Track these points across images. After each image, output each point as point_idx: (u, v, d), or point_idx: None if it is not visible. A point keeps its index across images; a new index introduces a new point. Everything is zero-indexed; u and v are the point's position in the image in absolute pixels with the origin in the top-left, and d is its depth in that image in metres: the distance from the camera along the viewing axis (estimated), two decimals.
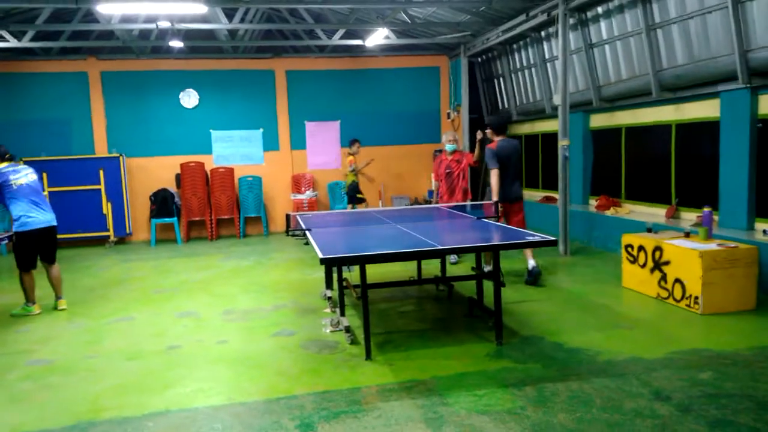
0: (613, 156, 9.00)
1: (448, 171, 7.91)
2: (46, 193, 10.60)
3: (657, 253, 5.86)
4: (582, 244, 8.95)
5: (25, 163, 10.53)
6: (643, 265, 6.05)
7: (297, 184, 11.84)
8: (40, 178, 10.44)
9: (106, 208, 11.00)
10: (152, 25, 9.06)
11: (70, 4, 7.74)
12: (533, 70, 10.58)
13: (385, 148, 12.29)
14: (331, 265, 4.24)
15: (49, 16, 9.40)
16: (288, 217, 5.47)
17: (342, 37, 10.67)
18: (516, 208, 6.85)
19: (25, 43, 9.62)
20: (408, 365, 4.38)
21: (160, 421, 3.62)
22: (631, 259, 6.26)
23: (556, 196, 9.12)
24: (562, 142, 8.19)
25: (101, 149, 11.27)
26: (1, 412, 3.84)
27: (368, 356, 4.51)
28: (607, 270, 7.29)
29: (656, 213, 8.07)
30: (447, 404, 3.69)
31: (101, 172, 10.93)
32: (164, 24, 8.99)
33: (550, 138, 10.24)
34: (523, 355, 4.51)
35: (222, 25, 9.52)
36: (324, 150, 12.13)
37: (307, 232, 5.22)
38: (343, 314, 5.26)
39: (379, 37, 10.22)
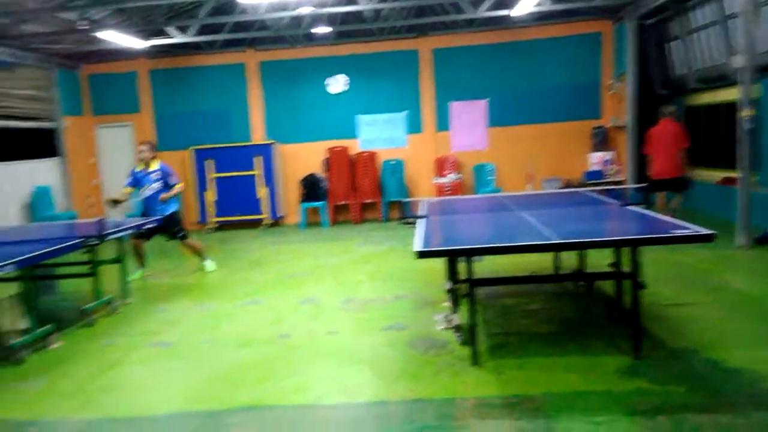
0: None
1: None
2: (212, 177, 11.52)
3: None
4: None
5: (194, 151, 11.56)
6: None
7: (441, 166, 11.44)
8: (205, 166, 11.46)
9: (262, 192, 11.58)
10: (300, 11, 9.14)
11: None
12: (713, 29, 8.95)
13: (537, 126, 11.36)
14: (426, 257, 3.79)
15: (211, 9, 9.95)
16: (403, 203, 5.10)
17: (489, 9, 9.95)
18: None
19: (189, 37, 10.31)
20: (518, 376, 3.81)
21: (246, 418, 3.52)
22: None
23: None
24: (745, 112, 6.77)
25: (257, 137, 11.88)
26: (104, 395, 4.02)
27: (474, 362, 4.01)
28: None
29: None
30: (553, 431, 3.09)
31: (257, 159, 11.52)
32: (307, 9, 9.06)
33: (733, 109, 8.61)
34: (664, 374, 3.69)
35: (365, 5, 9.37)
36: (470, 131, 11.55)
37: (417, 221, 4.82)
38: (455, 311, 4.79)
39: (529, 3, 9.32)
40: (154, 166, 7.18)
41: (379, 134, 11.66)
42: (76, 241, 5.22)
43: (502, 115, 11.45)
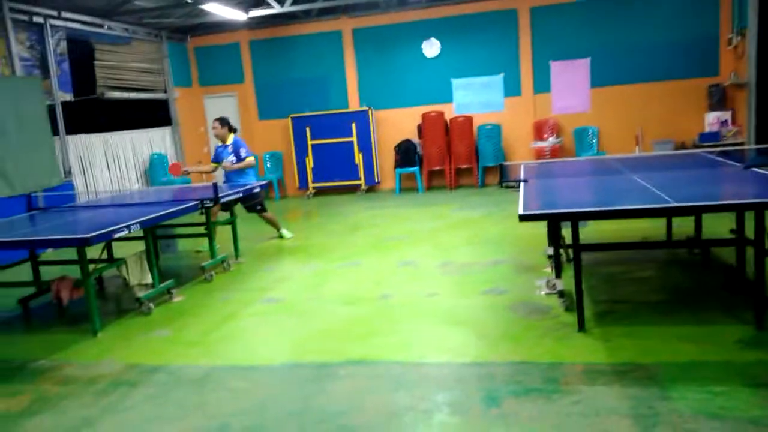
0: None
1: None
2: (309, 145, 11.84)
3: None
4: None
5: (293, 119, 11.91)
6: None
7: (539, 130, 11.08)
8: (305, 133, 11.77)
9: (358, 158, 11.77)
10: None
11: None
12: None
13: (645, 85, 10.69)
14: (530, 221, 3.73)
15: None
16: (502, 167, 5.03)
17: None
18: None
19: (287, 8, 10.52)
20: (628, 344, 3.69)
21: (353, 371, 3.66)
22: None
23: None
24: None
25: (354, 104, 12.03)
26: (223, 345, 4.33)
27: (581, 327, 3.93)
28: None
29: None
30: (668, 399, 2.99)
31: (353, 125, 11.69)
32: None
33: None
34: None
35: None
36: (571, 92, 11.06)
37: (519, 184, 4.73)
38: (558, 276, 4.69)
39: None
40: (230, 140, 7.35)
41: (474, 98, 11.43)
42: (194, 203, 5.57)
43: (606, 75, 10.85)
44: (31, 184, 7.78)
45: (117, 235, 4.47)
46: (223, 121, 7.39)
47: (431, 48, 11.50)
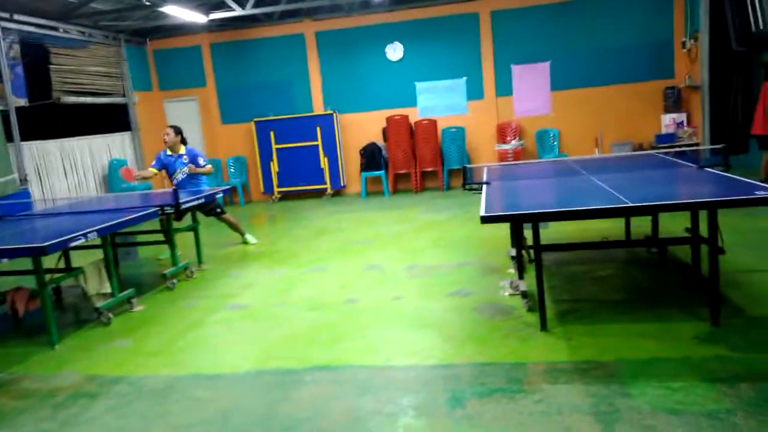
0: None
1: None
2: (274, 149, 11.75)
3: None
4: None
5: (256, 123, 11.79)
6: None
7: (502, 133, 11.23)
8: (269, 137, 11.67)
9: (324, 162, 11.72)
10: None
11: None
12: None
13: (604, 88, 10.94)
14: (492, 222, 3.77)
15: None
16: (465, 169, 5.08)
17: None
18: None
19: (248, 10, 10.38)
20: (589, 342, 3.77)
21: (319, 376, 3.64)
22: None
23: None
24: None
25: (318, 107, 11.98)
26: (187, 354, 4.26)
27: (543, 327, 3.99)
28: None
29: None
30: (628, 395, 3.06)
31: (318, 129, 11.64)
32: None
33: None
34: (745, 342, 3.57)
35: None
36: (532, 95, 11.25)
37: (482, 186, 4.79)
38: (521, 277, 4.76)
39: None
40: (182, 150, 7.22)
41: (438, 101, 11.52)
42: (153, 209, 5.46)
43: (566, 78, 11.07)
44: None
45: (74, 244, 4.35)
46: (177, 130, 7.27)
47: (395, 52, 11.55)
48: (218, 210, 7.29)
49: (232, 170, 12.19)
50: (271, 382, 3.62)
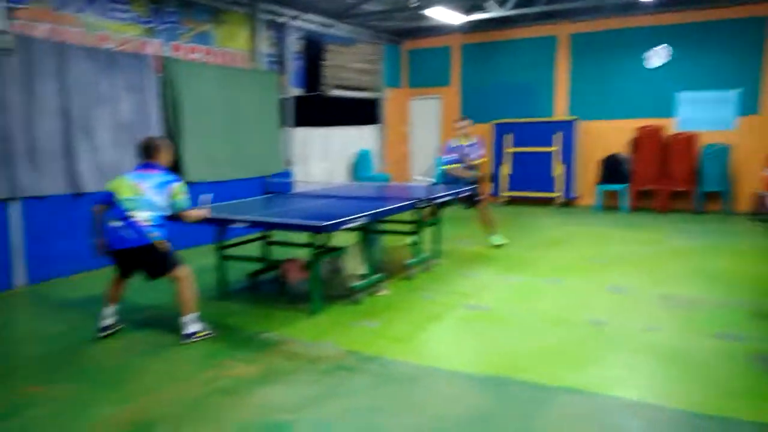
0: None
1: None
2: (509, 151, 11.67)
3: None
4: None
5: (495, 125, 11.80)
6: None
7: None
8: (505, 140, 11.60)
9: (558, 170, 11.31)
10: None
11: None
12: None
13: None
14: None
15: None
16: (760, 197, 4.43)
17: None
18: None
19: (508, 11, 10.29)
20: None
21: (571, 400, 3.49)
22: None
23: None
24: None
25: (559, 112, 11.58)
26: (429, 345, 4.40)
27: None
28: None
29: None
30: None
31: (556, 135, 11.26)
32: None
33: None
34: None
35: None
36: None
37: None
38: None
39: None
40: (473, 139, 7.69)
41: (701, 114, 10.33)
42: (411, 201, 5.78)
43: None
44: (260, 170, 8.68)
45: (346, 226, 4.77)
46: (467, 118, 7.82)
47: (657, 57, 10.60)
48: (477, 200, 7.54)
49: None
50: (521, 394, 3.55)
